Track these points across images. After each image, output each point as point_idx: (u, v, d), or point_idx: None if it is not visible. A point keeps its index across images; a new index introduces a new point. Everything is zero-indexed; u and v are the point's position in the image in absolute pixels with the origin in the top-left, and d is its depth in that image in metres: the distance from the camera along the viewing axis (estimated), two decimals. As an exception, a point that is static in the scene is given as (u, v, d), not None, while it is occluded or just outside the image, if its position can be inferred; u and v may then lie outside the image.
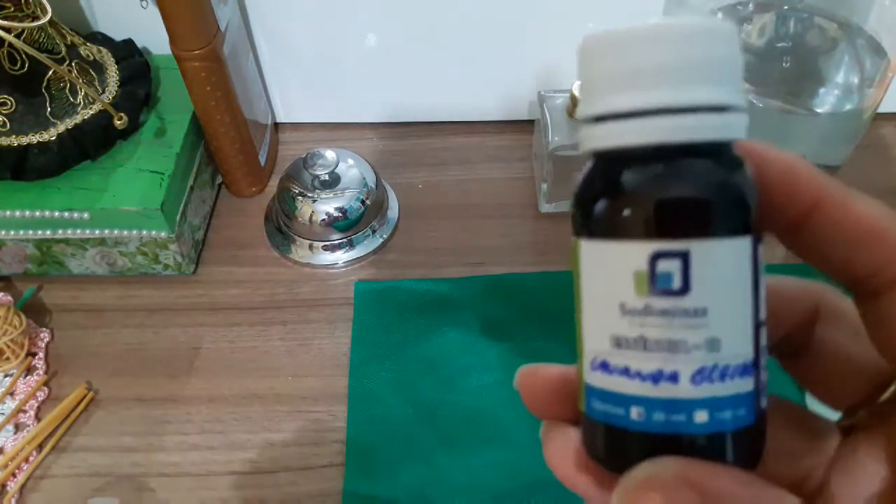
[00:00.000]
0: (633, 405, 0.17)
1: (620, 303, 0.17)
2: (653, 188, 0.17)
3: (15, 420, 0.52)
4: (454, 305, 0.56)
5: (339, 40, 0.64)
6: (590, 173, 0.18)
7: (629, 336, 0.17)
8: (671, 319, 0.17)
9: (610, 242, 0.17)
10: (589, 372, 0.18)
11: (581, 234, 0.18)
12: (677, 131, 0.17)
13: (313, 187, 0.59)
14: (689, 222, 0.16)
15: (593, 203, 0.18)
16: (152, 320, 0.58)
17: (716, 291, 0.17)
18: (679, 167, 0.17)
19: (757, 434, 0.17)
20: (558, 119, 0.58)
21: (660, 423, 0.17)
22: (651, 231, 0.17)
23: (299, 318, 0.57)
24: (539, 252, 0.60)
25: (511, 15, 0.62)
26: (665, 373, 0.17)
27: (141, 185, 0.55)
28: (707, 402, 0.17)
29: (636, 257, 0.17)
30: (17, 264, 0.59)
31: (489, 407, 0.51)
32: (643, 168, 0.17)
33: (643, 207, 0.17)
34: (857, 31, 0.50)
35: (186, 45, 0.53)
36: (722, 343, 0.17)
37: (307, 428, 0.51)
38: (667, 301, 0.17)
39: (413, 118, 0.70)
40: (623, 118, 0.17)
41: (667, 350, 0.17)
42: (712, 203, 0.17)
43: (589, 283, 0.18)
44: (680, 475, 0.16)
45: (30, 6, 0.51)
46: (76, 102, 0.55)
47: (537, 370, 0.21)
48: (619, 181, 0.17)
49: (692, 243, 0.16)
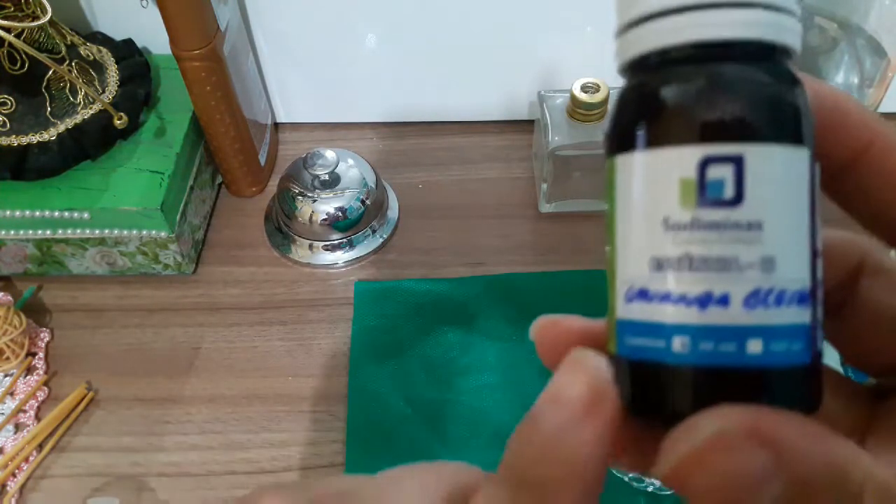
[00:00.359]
0: (675, 335, 0.15)
1: (664, 217, 0.15)
2: (705, 87, 0.15)
3: (15, 420, 0.52)
4: (454, 305, 0.56)
5: (339, 40, 0.64)
6: (628, 87, 0.17)
7: (672, 255, 0.15)
8: (722, 233, 0.15)
9: (654, 150, 0.15)
10: (622, 306, 0.16)
11: (619, 150, 0.16)
12: (734, 26, 0.15)
13: (313, 187, 0.59)
14: (745, 124, 0.15)
15: (635, 112, 0.16)
16: (152, 320, 0.58)
17: (772, 203, 0.15)
18: (735, 66, 0.15)
19: (815, 375, 0.16)
20: (558, 119, 0.58)
21: (707, 353, 0.15)
22: (701, 133, 0.15)
23: (299, 318, 0.57)
24: (539, 252, 0.60)
25: (511, 15, 0.62)
26: (714, 295, 0.15)
27: (141, 184, 0.55)
28: (761, 329, 0.15)
29: (683, 163, 0.15)
30: (17, 264, 0.59)
31: (489, 407, 0.51)
32: (693, 68, 0.15)
33: (694, 108, 0.15)
34: (857, 31, 0.50)
35: (186, 45, 0.53)
36: (778, 263, 0.15)
37: (307, 428, 0.51)
38: (717, 212, 0.15)
39: (413, 118, 0.70)
40: (672, 14, 0.16)
41: (716, 269, 0.15)
42: (772, 104, 0.15)
43: (625, 203, 0.16)
44: (751, 430, 0.14)
45: (30, 6, 0.51)
46: (76, 102, 0.55)
47: (558, 321, 0.19)
48: (665, 84, 0.16)
49: (748, 147, 0.15)
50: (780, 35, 0.16)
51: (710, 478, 0.13)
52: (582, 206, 0.62)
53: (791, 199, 0.15)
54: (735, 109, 0.15)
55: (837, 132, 0.17)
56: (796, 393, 0.15)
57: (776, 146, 0.15)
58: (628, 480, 0.47)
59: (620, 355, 0.16)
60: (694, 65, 0.16)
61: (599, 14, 0.61)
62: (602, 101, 0.55)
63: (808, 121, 0.16)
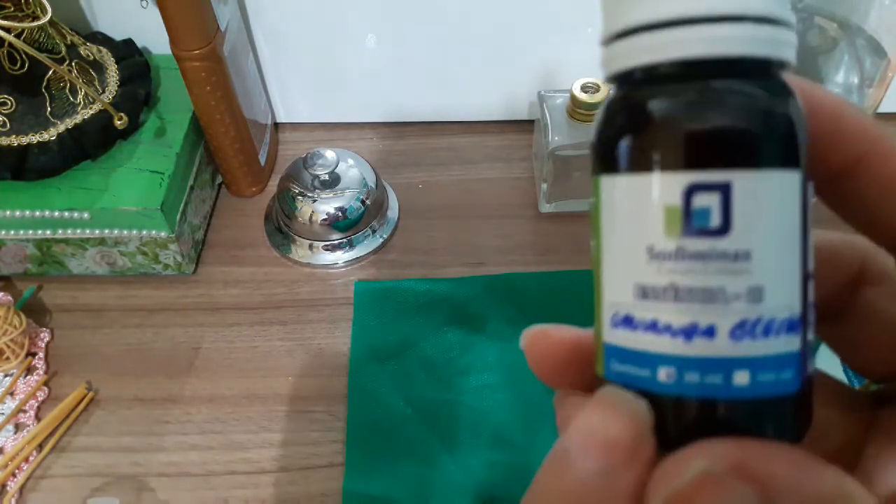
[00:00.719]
0: (661, 365, 0.15)
1: (648, 246, 0.15)
2: (690, 110, 0.15)
3: (15, 420, 0.52)
4: (454, 305, 0.56)
5: (339, 40, 0.64)
6: (612, 101, 0.16)
7: (657, 284, 0.15)
8: (708, 264, 0.14)
9: (637, 175, 0.15)
10: (609, 329, 0.16)
11: (603, 169, 0.16)
12: (722, 42, 0.14)
13: (313, 187, 0.59)
14: (732, 149, 0.14)
15: (619, 131, 0.15)
16: (152, 320, 0.58)
17: (760, 231, 0.14)
18: (722, 86, 0.15)
19: (804, 402, 0.15)
20: (558, 119, 0.58)
21: (693, 385, 0.15)
22: (686, 159, 0.14)
23: (299, 318, 0.57)
24: (539, 252, 0.60)
25: (511, 15, 0.62)
26: (700, 327, 0.14)
27: (141, 184, 0.55)
28: (748, 361, 0.14)
29: (668, 190, 0.14)
30: (17, 264, 0.59)
31: (489, 407, 0.51)
32: (679, 87, 0.15)
33: (678, 132, 0.14)
34: (857, 31, 0.50)
35: (186, 45, 0.53)
36: (766, 293, 0.14)
37: (307, 428, 0.51)
38: (703, 242, 0.14)
39: (413, 118, 0.70)
40: (658, 28, 0.15)
41: (702, 300, 0.14)
42: (761, 128, 0.14)
43: (610, 226, 0.16)
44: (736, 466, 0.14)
45: (30, 6, 0.51)
46: (76, 102, 0.55)
47: (548, 332, 0.18)
48: (649, 103, 0.15)
49: (735, 174, 0.14)
50: (772, 49, 0.15)
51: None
52: (582, 206, 0.62)
53: (781, 226, 0.15)
54: (722, 134, 0.14)
55: (834, 139, 0.16)
56: (785, 422, 0.15)
57: (766, 171, 0.14)
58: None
59: (607, 381, 0.16)
60: (680, 83, 0.15)
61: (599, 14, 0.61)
62: (602, 101, 0.55)
63: (801, 139, 0.15)
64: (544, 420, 0.50)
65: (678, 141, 0.14)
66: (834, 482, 0.14)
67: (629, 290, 0.15)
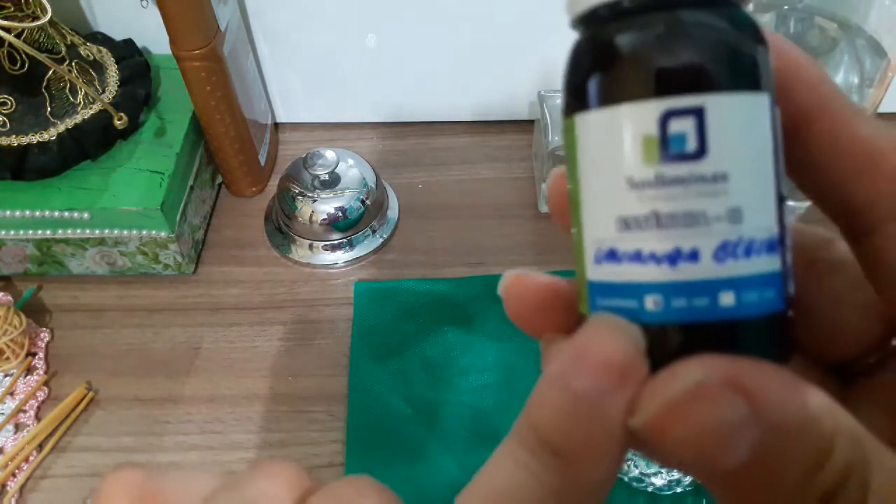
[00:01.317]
0: (647, 293, 0.15)
1: (627, 176, 0.15)
2: (659, 38, 0.15)
3: (15, 420, 0.52)
4: (454, 305, 0.56)
5: (339, 40, 0.64)
6: (581, 41, 0.16)
7: (639, 213, 0.15)
8: (687, 188, 0.15)
9: (612, 108, 0.15)
10: (592, 267, 0.16)
11: (576, 108, 0.16)
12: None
13: (313, 187, 0.59)
14: (703, 74, 0.15)
15: (590, 68, 0.16)
16: (152, 320, 0.58)
17: (736, 153, 0.15)
18: (688, 14, 0.15)
19: (787, 324, 0.16)
20: (558, 119, 0.58)
21: (680, 310, 0.15)
22: (659, 87, 0.15)
23: (299, 318, 0.57)
24: (539, 252, 0.60)
25: (511, 15, 0.62)
26: (684, 251, 0.15)
27: (141, 184, 0.55)
28: (732, 281, 0.15)
29: (643, 119, 0.15)
30: (17, 264, 0.59)
31: (489, 407, 0.51)
32: (646, 19, 0.15)
33: (649, 60, 0.15)
34: (857, 31, 0.50)
35: (186, 45, 0.53)
36: (745, 213, 0.15)
37: (307, 428, 0.51)
38: (681, 167, 0.15)
39: (413, 118, 0.70)
40: None
41: (684, 224, 0.15)
42: (729, 52, 0.15)
43: (588, 163, 0.16)
44: (727, 379, 0.14)
45: (30, 6, 0.51)
46: (76, 102, 0.55)
47: (524, 276, 0.18)
48: (617, 37, 0.15)
49: (707, 98, 0.14)
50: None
51: (688, 427, 0.14)
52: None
53: (755, 147, 0.15)
54: (690, 59, 0.15)
55: (785, 93, 0.16)
56: (771, 341, 0.15)
57: (736, 94, 0.15)
58: (628, 481, 0.47)
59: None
60: (644, 14, 0.15)
61: None
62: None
63: (767, 65, 0.15)
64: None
65: (649, 70, 0.15)
66: (819, 401, 0.14)
67: (611, 224, 0.15)
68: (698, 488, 0.47)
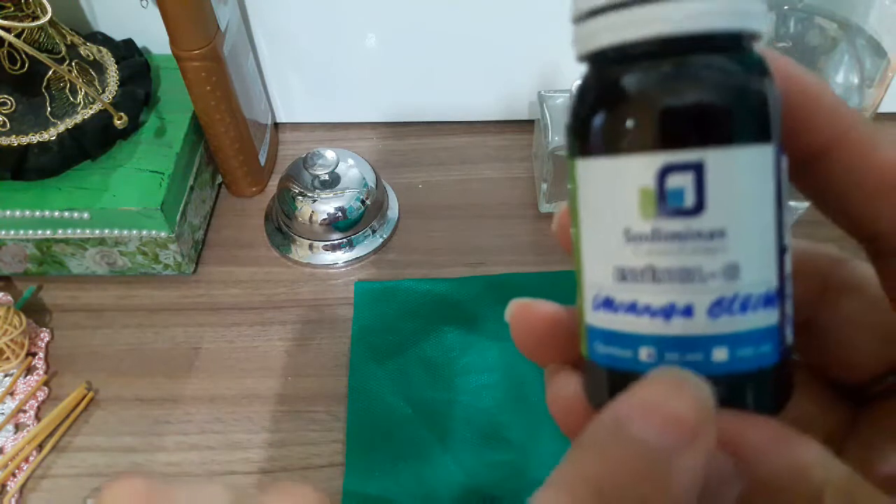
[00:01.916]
0: (641, 345, 0.15)
1: (624, 228, 0.15)
2: (659, 89, 0.14)
3: (15, 420, 0.52)
4: (454, 305, 0.56)
5: (339, 40, 0.64)
6: (585, 82, 0.16)
7: (635, 266, 0.15)
8: (684, 244, 0.14)
9: (610, 158, 0.15)
10: (590, 312, 0.16)
11: (578, 152, 0.16)
12: (688, 19, 0.14)
13: (313, 187, 0.59)
14: (703, 127, 0.14)
15: (590, 114, 0.15)
16: (152, 320, 0.58)
17: (735, 209, 0.14)
18: (689, 63, 0.14)
19: (783, 374, 0.15)
20: (558, 119, 0.58)
21: (673, 363, 0.15)
22: (658, 140, 0.14)
23: (299, 318, 0.57)
24: (539, 252, 0.60)
25: (511, 15, 0.62)
26: (678, 306, 0.15)
27: (141, 184, 0.55)
28: (727, 337, 0.15)
29: (641, 172, 0.15)
30: (17, 264, 0.59)
31: (489, 407, 0.51)
32: (647, 67, 0.15)
33: (648, 112, 0.14)
34: (857, 31, 0.50)
35: (186, 45, 0.53)
36: (742, 269, 0.15)
37: (307, 428, 0.51)
38: (678, 223, 0.14)
39: (413, 118, 0.70)
40: (622, 7, 0.15)
41: (679, 280, 0.15)
42: (730, 104, 0.14)
43: (587, 209, 0.16)
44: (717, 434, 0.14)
45: (30, 6, 0.51)
46: (76, 102, 0.55)
47: (532, 305, 0.18)
48: (618, 85, 0.15)
49: (707, 152, 0.14)
50: (741, 21, 0.15)
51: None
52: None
53: (755, 201, 0.15)
54: (692, 112, 0.14)
55: (807, 121, 0.16)
56: (763, 394, 0.15)
57: (738, 148, 0.14)
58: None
59: (590, 360, 0.16)
60: (649, 62, 0.15)
61: None
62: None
63: (773, 111, 0.15)
64: (544, 420, 0.50)
65: (649, 122, 0.14)
66: (808, 454, 0.14)
67: (609, 273, 0.15)
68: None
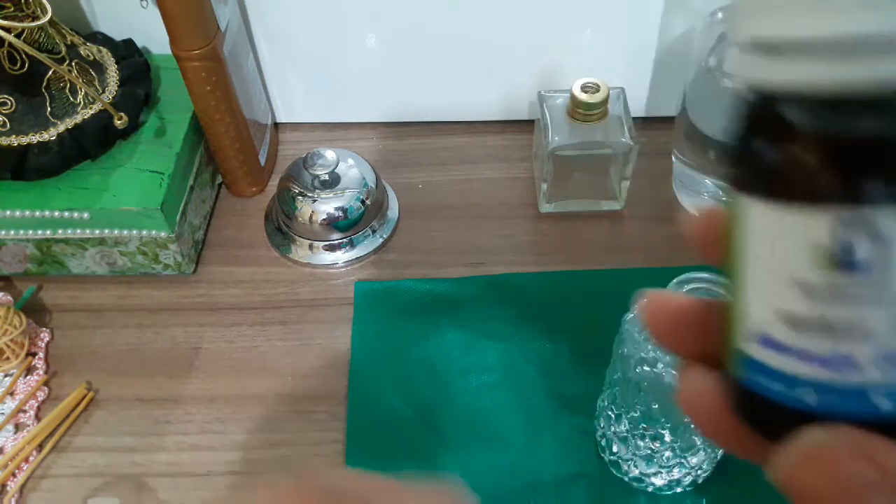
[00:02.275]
0: (802, 387, 0.15)
1: (794, 277, 0.15)
2: (853, 145, 0.14)
3: (15, 420, 0.52)
4: (454, 305, 0.56)
5: (339, 40, 0.64)
6: (766, 113, 0.15)
7: (804, 315, 0.15)
8: (853, 299, 0.14)
9: (785, 207, 0.15)
10: (748, 342, 0.16)
11: (746, 189, 0.16)
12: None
13: (313, 187, 0.59)
14: (880, 187, 0.14)
15: (766, 155, 0.15)
16: (152, 320, 0.58)
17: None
18: (879, 119, 0.14)
19: None
20: (558, 119, 0.58)
21: (831, 404, 0.15)
22: (841, 197, 0.14)
23: (299, 318, 0.57)
24: (539, 252, 0.60)
25: (511, 15, 0.62)
26: (841, 355, 0.15)
27: (141, 184, 0.55)
28: (888, 387, 0.15)
29: (821, 228, 0.14)
30: (17, 264, 0.59)
31: (489, 407, 0.51)
32: (836, 117, 0.14)
33: (829, 167, 0.14)
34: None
35: (186, 45, 0.53)
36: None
37: (307, 428, 0.51)
38: (849, 279, 0.14)
39: (413, 118, 0.70)
40: (835, 48, 0.13)
41: (848, 332, 0.15)
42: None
43: (756, 251, 0.16)
44: (857, 445, 0.14)
45: (30, 6, 0.51)
46: (76, 102, 0.55)
47: (668, 298, 0.19)
48: (803, 130, 0.14)
49: (883, 212, 0.14)
50: None
51: (819, 478, 0.14)
52: (582, 206, 0.62)
53: None
54: (878, 174, 0.14)
55: None
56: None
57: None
58: (628, 481, 0.47)
59: (744, 385, 0.17)
60: (836, 114, 0.14)
61: (599, 15, 0.61)
62: (602, 101, 0.55)
63: None
64: (544, 420, 0.50)
65: (834, 178, 0.14)
66: None
67: (773, 314, 0.16)
68: (698, 488, 0.47)
